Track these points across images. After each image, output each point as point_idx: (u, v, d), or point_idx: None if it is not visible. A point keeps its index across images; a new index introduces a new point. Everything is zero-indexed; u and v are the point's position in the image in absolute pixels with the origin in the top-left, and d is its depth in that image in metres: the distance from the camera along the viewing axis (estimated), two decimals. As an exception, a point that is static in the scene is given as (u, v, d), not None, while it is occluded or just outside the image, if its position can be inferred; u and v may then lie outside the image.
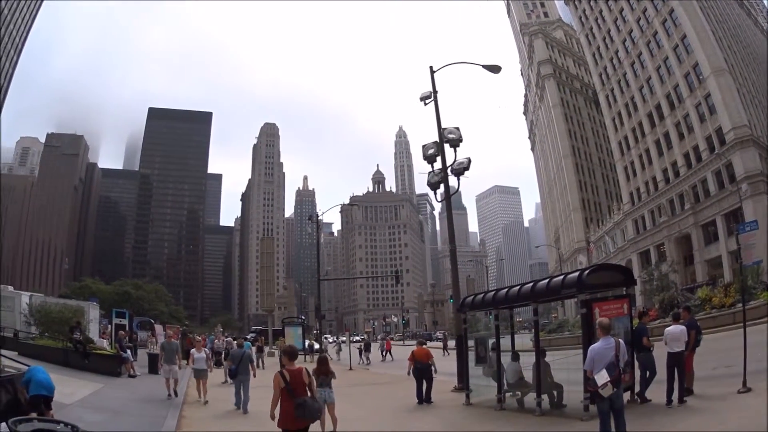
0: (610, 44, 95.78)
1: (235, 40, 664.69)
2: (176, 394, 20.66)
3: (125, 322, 45.08)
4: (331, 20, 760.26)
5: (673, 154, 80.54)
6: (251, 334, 79.89)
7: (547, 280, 16.30)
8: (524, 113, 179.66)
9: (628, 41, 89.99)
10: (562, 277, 15.71)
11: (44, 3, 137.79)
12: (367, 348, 47.06)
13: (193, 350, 21.39)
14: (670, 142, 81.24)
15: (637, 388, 14.60)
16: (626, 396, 13.09)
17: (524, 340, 19.81)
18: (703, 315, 31.14)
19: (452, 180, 24.65)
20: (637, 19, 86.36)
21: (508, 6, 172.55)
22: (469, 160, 23.68)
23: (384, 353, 48.98)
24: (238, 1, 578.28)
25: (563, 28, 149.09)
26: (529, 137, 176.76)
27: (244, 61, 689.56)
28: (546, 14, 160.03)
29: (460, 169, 23.63)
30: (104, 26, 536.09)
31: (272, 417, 9.59)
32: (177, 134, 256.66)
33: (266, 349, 44.79)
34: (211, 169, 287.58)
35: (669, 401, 13.66)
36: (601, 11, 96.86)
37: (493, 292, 18.54)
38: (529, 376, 16.19)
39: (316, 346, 50.18)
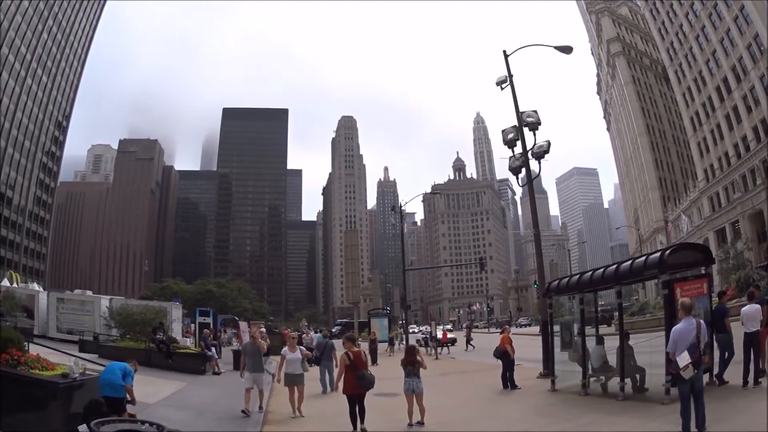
0: (674, 18, 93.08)
1: (308, 39, 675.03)
2: (260, 409, 16.40)
3: (209, 320, 44.88)
4: (402, 12, 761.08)
5: (743, 128, 78.08)
6: (336, 327, 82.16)
7: (630, 262, 16.19)
8: (597, 93, 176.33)
9: (690, 14, 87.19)
10: (644, 258, 15.66)
11: (104, 12, 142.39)
12: (391, 342, 45.65)
13: (284, 350, 16.72)
14: (739, 115, 78.76)
15: (715, 370, 14.51)
16: (705, 378, 12.69)
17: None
18: None
19: (533, 164, 24.81)
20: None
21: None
22: (549, 143, 23.77)
23: (445, 344, 45.70)
24: (310, 1, 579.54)
25: (627, 5, 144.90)
26: (604, 117, 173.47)
27: (319, 60, 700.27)
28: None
29: (541, 152, 23.78)
30: (172, 32, 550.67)
31: (336, 387, 13.89)
32: (253, 132, 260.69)
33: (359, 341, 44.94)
34: (291, 165, 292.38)
35: (745, 382, 13.64)
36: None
37: (577, 276, 18.70)
38: (613, 360, 16.18)
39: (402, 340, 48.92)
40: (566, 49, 26.66)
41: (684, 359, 9.36)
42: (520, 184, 25.41)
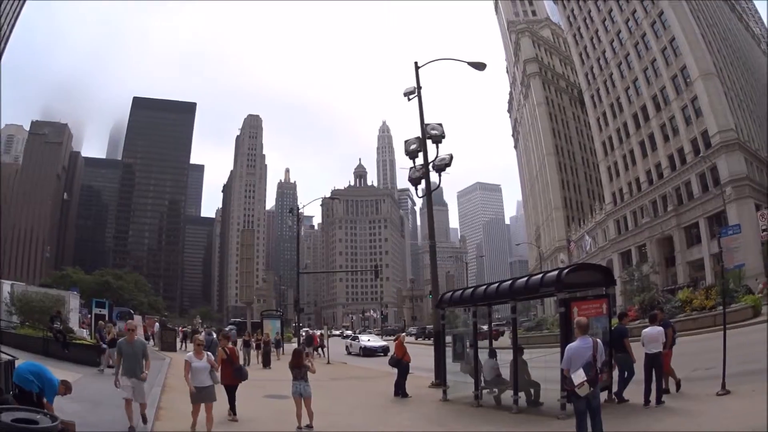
0: (598, 44, 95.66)
1: (222, 33, 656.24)
2: (144, 421, 13.33)
3: (105, 312, 44.18)
4: (318, 16, 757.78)
5: (657, 156, 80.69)
6: (230, 327, 79.76)
7: (526, 278, 16.32)
8: (508, 111, 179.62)
9: (615, 42, 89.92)
10: (541, 275, 15.68)
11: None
12: (309, 343, 43.24)
13: (189, 355, 13.30)
14: (654, 143, 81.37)
15: (615, 388, 14.61)
16: (604, 396, 13.19)
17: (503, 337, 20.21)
18: (683, 317, 31.43)
19: (434, 176, 24.96)
20: (625, 20, 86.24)
21: (496, 4, 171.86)
22: (451, 157, 23.81)
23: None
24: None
25: (551, 27, 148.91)
26: (513, 135, 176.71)
27: (231, 55, 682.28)
28: (534, 12, 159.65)
29: (442, 165, 23.81)
30: (92, 17, 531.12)
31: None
32: (161, 124, 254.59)
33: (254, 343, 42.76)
34: (194, 159, 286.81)
35: (647, 402, 13.74)
36: (589, 11, 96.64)
37: (471, 289, 18.63)
38: (506, 373, 16.16)
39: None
40: (479, 66, 26.78)
41: (579, 377, 9.49)
42: (420, 196, 25.71)
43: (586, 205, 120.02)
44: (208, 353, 13.64)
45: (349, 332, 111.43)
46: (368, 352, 45.26)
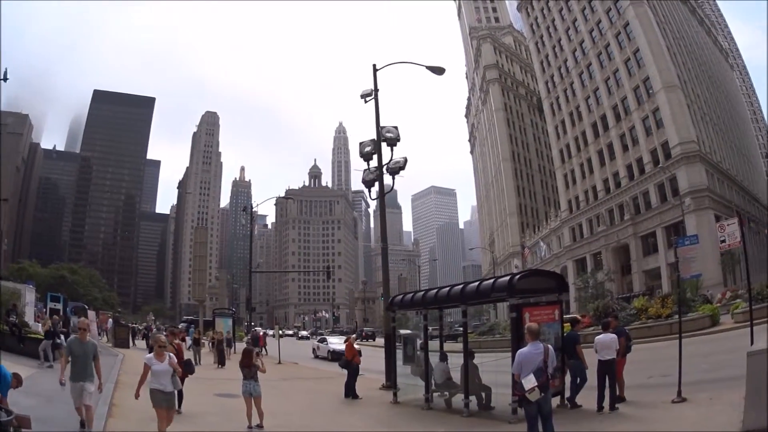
0: (560, 53, 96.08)
1: (184, 30, 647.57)
2: (88, 426, 11.65)
3: (60, 306, 42.88)
4: (278, 16, 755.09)
5: (615, 165, 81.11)
6: (182, 324, 77.24)
7: (477, 283, 15.88)
8: (466, 116, 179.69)
9: (578, 51, 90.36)
10: (492, 280, 15.54)
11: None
12: (228, 343, 40.24)
13: (149, 357, 11.84)
14: (613, 153, 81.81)
15: (568, 394, 14.50)
16: (556, 401, 13.45)
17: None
18: (638, 324, 31.26)
19: (387, 178, 24.75)
20: (590, 30, 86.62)
21: (459, 9, 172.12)
22: (405, 160, 23.66)
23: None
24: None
25: (513, 35, 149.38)
26: (469, 140, 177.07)
27: (192, 52, 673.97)
28: (497, 19, 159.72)
29: (396, 168, 23.59)
30: (56, 8, 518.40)
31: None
32: (119, 118, 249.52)
33: (205, 342, 41.09)
34: (151, 155, 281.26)
35: (600, 408, 13.54)
36: (553, 20, 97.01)
37: (422, 293, 18.34)
38: (457, 377, 15.99)
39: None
40: (438, 70, 26.28)
41: (530, 382, 9.45)
42: (373, 198, 25.93)
43: (542, 212, 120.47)
44: (170, 354, 12.02)
45: (304, 332, 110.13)
46: (338, 356, 41.13)
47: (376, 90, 25.20)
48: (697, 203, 65.04)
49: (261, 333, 51.81)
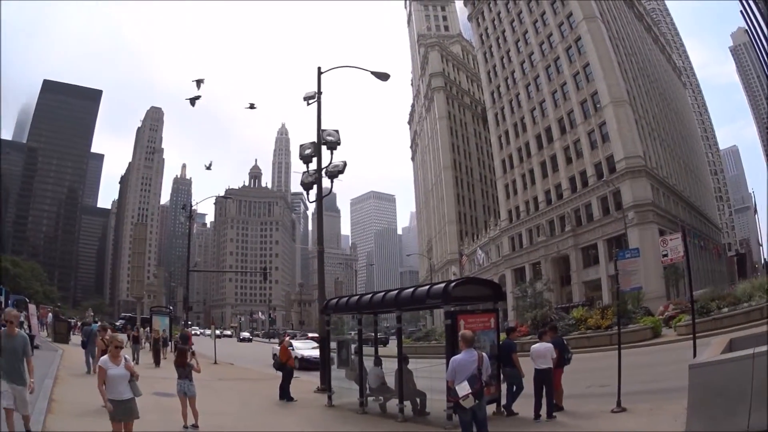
0: (508, 64, 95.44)
1: (133, 24, 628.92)
2: None
3: (2, 299, 41.33)
4: (225, 15, 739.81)
5: (558, 177, 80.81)
6: (120, 321, 77.53)
7: (412, 289, 15.75)
8: (409, 123, 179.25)
9: (527, 63, 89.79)
10: (428, 287, 15.18)
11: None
12: (184, 341, 38.32)
13: (104, 359, 9.70)
14: (556, 165, 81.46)
15: (504, 401, 14.41)
16: (492, 408, 13.51)
17: (390, 345, 20.07)
18: (577, 334, 31.30)
19: (326, 182, 24.60)
20: (540, 42, 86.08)
21: (409, 16, 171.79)
22: (345, 164, 23.54)
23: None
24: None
25: (462, 44, 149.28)
26: (411, 147, 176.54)
27: (141, 46, 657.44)
28: (447, 28, 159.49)
29: (335, 172, 23.48)
30: None
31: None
32: (66, 109, 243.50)
33: (144, 341, 38.85)
34: (96, 148, 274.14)
35: (537, 416, 13.45)
36: (504, 31, 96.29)
37: (357, 297, 18.49)
38: (391, 381, 15.87)
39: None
40: (383, 76, 26.32)
41: (464, 389, 9.36)
42: (311, 200, 25.42)
43: (481, 220, 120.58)
44: (126, 357, 10.00)
45: (245, 334, 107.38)
46: (308, 364, 31.37)
47: (319, 93, 25.14)
48: (640, 217, 65.00)
49: (191, 332, 49.96)
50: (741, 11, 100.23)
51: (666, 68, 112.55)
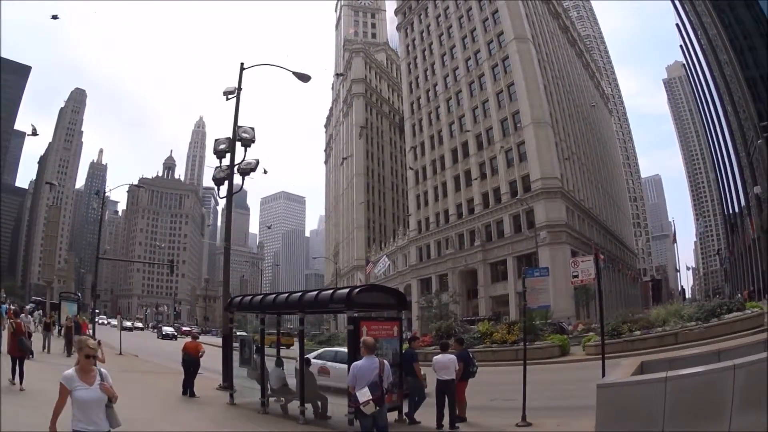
0: (431, 77, 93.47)
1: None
2: None
3: None
4: (159, 5, 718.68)
5: (471, 192, 79.63)
6: (30, 304, 73.13)
7: (316, 293, 15.44)
8: (325, 126, 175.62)
9: (450, 77, 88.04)
10: (332, 291, 15.23)
11: None
12: (77, 330, 32.39)
13: (70, 373, 6.26)
14: (470, 179, 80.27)
15: (406, 409, 13.96)
16: (393, 416, 13.22)
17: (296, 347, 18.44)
18: (482, 348, 30.58)
19: (238, 178, 24.09)
20: (466, 58, 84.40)
21: (338, 20, 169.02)
22: (257, 162, 23.46)
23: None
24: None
25: (387, 52, 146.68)
26: (326, 150, 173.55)
27: (72, 26, 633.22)
28: (374, 35, 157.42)
29: (247, 169, 23.24)
30: None
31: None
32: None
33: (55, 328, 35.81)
34: (19, 126, 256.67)
35: (439, 426, 13.12)
36: (431, 44, 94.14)
37: (261, 296, 18.23)
38: (293, 383, 15.58)
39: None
40: (304, 78, 25.73)
41: (364, 395, 9.04)
42: (221, 196, 24.71)
43: (390, 229, 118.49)
44: (102, 371, 6.52)
45: (169, 329, 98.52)
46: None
47: (239, 89, 24.24)
48: (553, 237, 64.07)
49: (86, 321, 45.86)
50: (681, 45, 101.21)
51: (593, 94, 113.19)
